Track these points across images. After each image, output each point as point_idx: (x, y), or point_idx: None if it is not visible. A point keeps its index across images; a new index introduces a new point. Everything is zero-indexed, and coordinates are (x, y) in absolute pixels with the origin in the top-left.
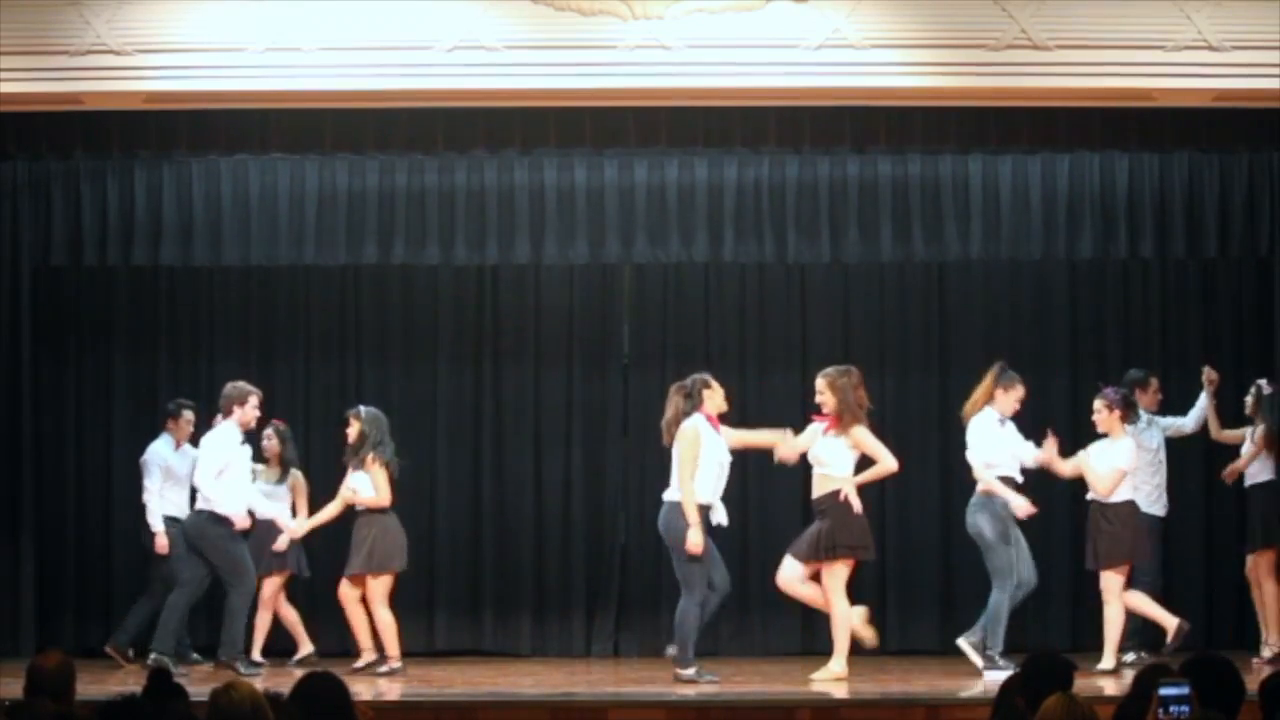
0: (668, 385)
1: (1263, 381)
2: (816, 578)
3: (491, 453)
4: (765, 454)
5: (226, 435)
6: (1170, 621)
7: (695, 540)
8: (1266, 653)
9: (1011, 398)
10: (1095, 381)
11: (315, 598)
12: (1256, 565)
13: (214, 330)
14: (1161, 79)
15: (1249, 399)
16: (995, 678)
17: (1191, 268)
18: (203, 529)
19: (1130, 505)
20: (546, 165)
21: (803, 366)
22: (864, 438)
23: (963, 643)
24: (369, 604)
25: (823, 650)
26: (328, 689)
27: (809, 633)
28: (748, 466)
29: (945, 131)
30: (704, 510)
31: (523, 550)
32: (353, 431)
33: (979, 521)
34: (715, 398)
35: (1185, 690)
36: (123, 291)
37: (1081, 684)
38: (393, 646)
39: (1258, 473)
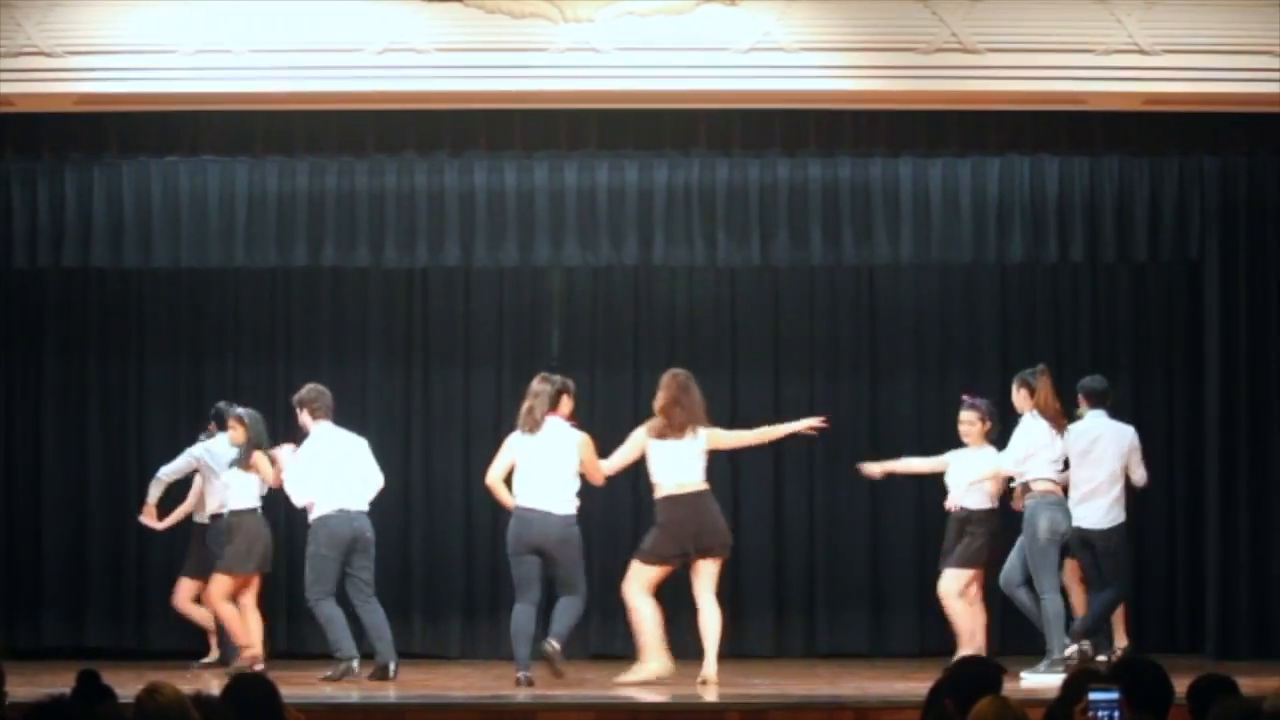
0: (597, 387)
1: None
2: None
3: (421, 455)
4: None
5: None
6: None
7: None
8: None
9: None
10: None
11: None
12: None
13: (144, 332)
14: (1092, 83)
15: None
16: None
17: (1122, 271)
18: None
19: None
20: (476, 168)
21: (732, 369)
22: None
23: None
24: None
25: (752, 653)
26: (258, 691)
27: (738, 636)
28: None
29: (875, 135)
30: None
31: (452, 553)
32: (238, 434)
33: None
34: (568, 405)
35: (1115, 695)
36: (52, 294)
37: (1009, 686)
38: (243, 636)
39: None
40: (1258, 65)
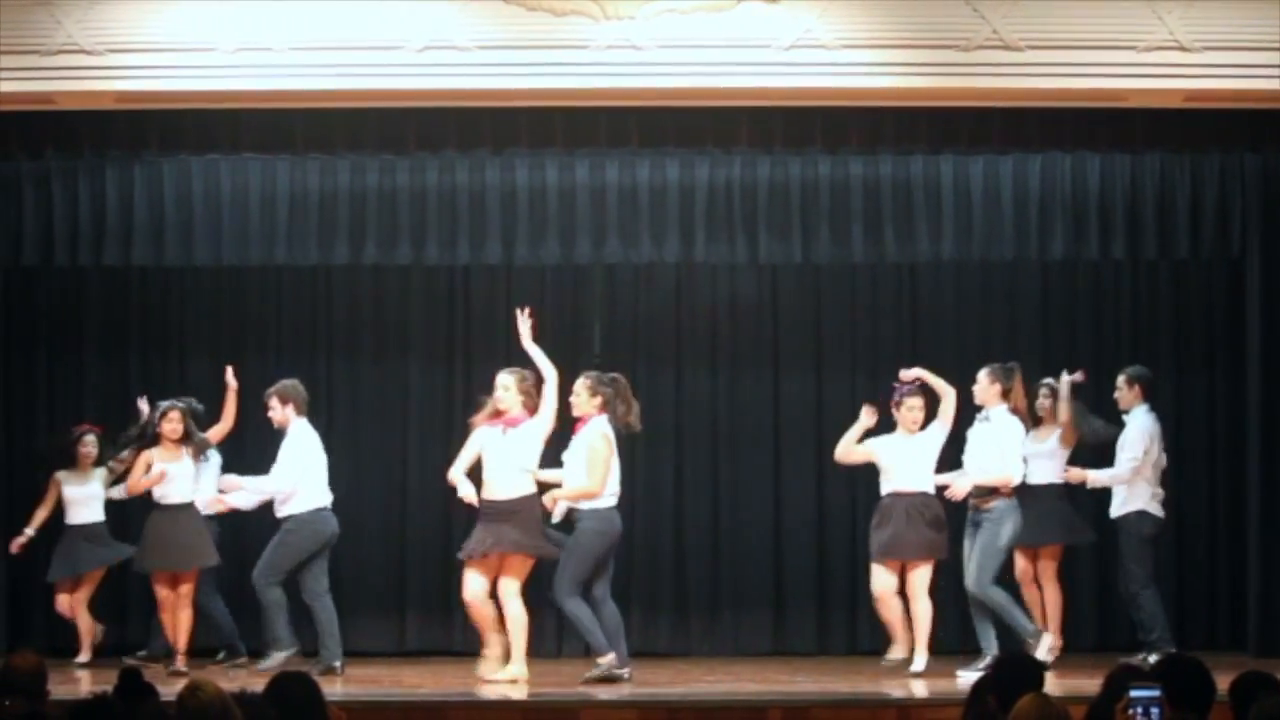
0: (638, 385)
1: (1051, 380)
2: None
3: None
4: (737, 456)
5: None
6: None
7: None
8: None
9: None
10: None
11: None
12: (1040, 566)
13: (185, 330)
14: (1133, 79)
15: (1043, 401)
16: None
17: (1163, 268)
18: None
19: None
20: (518, 165)
21: (774, 367)
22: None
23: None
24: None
25: (795, 650)
26: (300, 689)
27: (780, 633)
28: (719, 469)
29: (916, 132)
30: None
31: None
32: (180, 427)
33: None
34: None
35: (1156, 692)
36: (94, 292)
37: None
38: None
39: (1039, 473)
40: None
